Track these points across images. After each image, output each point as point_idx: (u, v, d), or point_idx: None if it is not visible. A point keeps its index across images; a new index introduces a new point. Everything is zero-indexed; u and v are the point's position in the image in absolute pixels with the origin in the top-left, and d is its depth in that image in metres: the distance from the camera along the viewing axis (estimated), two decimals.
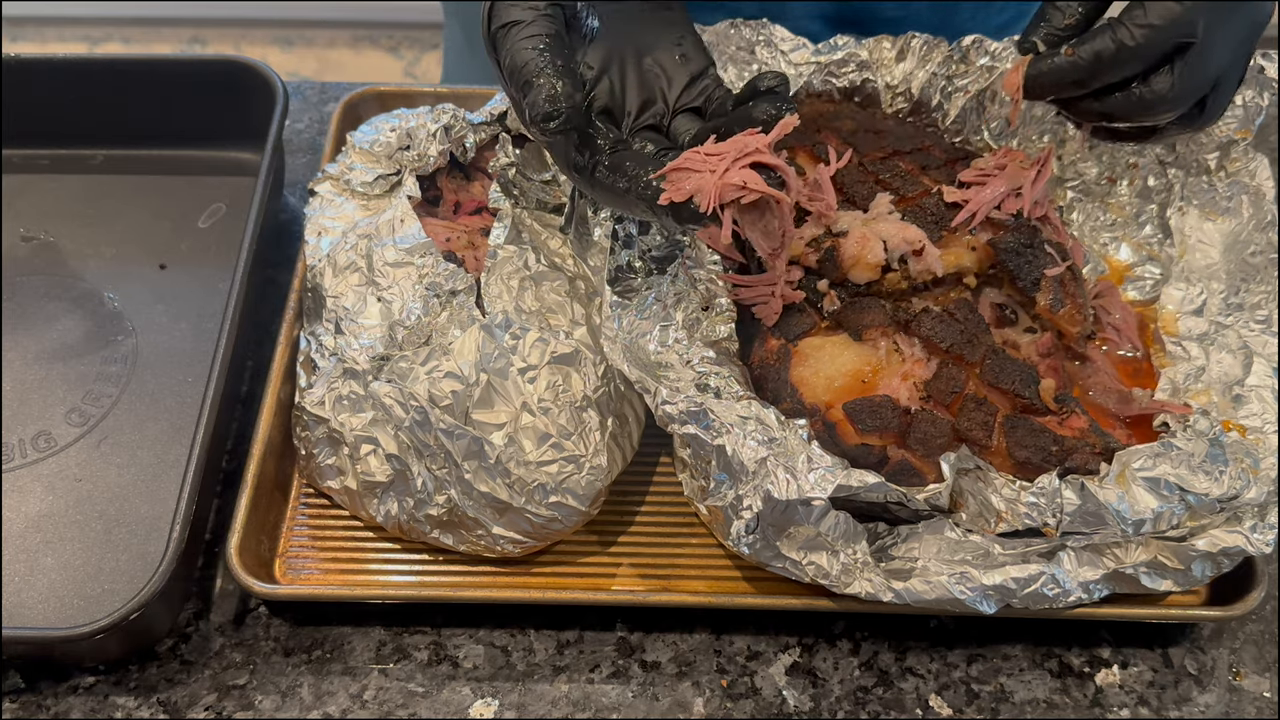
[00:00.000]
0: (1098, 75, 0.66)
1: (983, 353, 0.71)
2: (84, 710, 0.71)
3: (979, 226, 0.75)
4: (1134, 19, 0.65)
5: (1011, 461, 0.69)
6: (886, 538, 0.69)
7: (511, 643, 0.74)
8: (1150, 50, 0.65)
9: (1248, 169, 0.80)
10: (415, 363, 0.72)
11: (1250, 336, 0.75)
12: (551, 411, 0.71)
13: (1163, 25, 0.64)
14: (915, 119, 0.86)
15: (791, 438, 0.66)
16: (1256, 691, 0.73)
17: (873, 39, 0.85)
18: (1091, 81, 0.67)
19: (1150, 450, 0.66)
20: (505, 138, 0.82)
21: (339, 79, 1.22)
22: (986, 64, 0.83)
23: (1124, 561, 0.68)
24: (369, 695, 0.72)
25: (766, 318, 0.73)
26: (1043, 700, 0.72)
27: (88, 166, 0.97)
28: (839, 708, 0.72)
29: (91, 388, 0.83)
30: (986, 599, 0.68)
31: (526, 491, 0.71)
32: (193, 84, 0.94)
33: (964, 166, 0.79)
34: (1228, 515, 0.68)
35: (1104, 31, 0.66)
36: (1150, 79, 0.66)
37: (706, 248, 0.71)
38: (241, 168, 0.95)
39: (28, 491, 0.78)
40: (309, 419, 0.76)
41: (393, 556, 0.76)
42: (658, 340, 0.70)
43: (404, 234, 0.77)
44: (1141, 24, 0.64)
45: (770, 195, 0.62)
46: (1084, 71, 0.66)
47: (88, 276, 0.90)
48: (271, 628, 0.75)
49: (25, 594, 0.74)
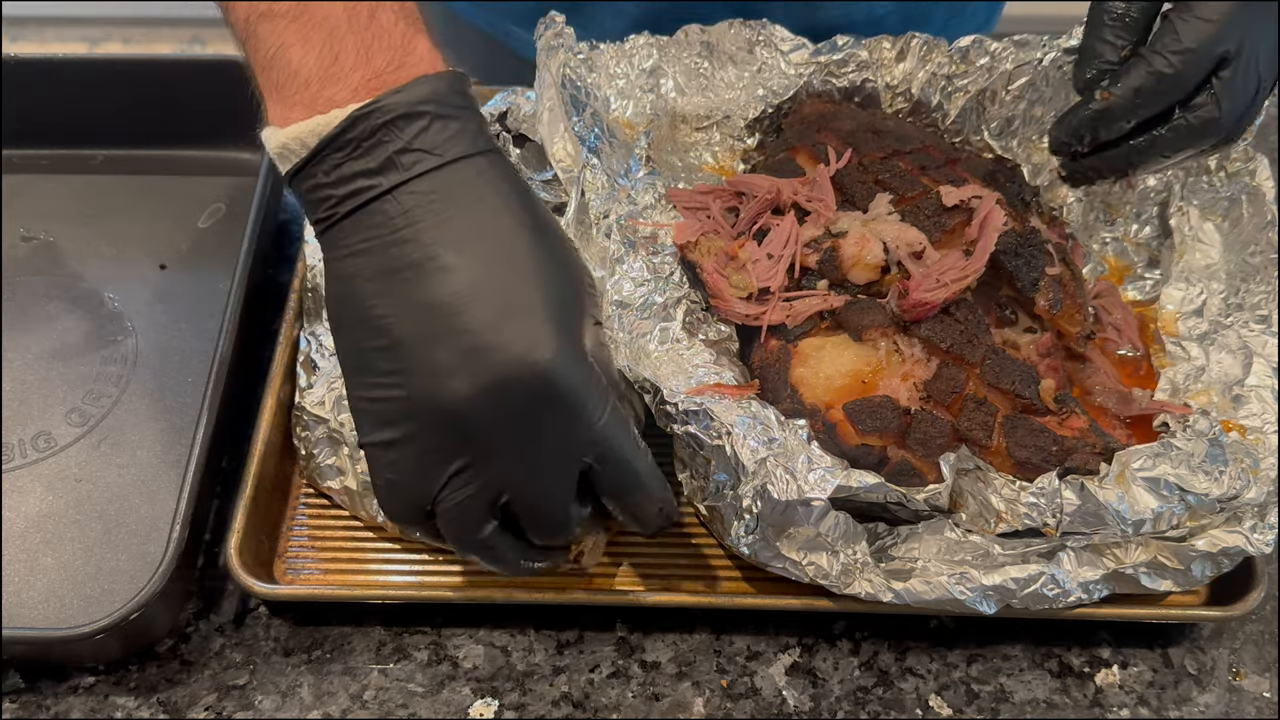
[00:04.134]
0: (1138, 111, 0.63)
1: (983, 353, 0.71)
2: (84, 710, 0.71)
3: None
4: (1167, 46, 0.62)
5: (1011, 461, 0.69)
6: (886, 538, 0.69)
7: (511, 643, 0.74)
8: (1191, 75, 0.62)
9: (1248, 169, 0.80)
10: None
11: (1250, 336, 0.75)
12: None
13: (1199, 47, 0.61)
14: (915, 119, 0.86)
15: (791, 438, 0.66)
16: (1256, 691, 0.73)
17: (873, 39, 0.85)
18: (1132, 119, 0.64)
19: (1150, 450, 0.66)
20: (505, 137, 0.82)
21: None
22: (986, 64, 0.83)
23: (1124, 561, 0.68)
24: (369, 695, 0.72)
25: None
26: (1043, 700, 0.72)
27: (88, 166, 0.97)
28: (839, 708, 0.72)
29: (91, 388, 0.83)
30: (986, 599, 0.68)
31: None
32: (193, 84, 0.94)
33: (964, 167, 0.79)
34: (1227, 515, 0.68)
35: (1137, 65, 0.63)
36: (1192, 104, 0.63)
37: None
38: (241, 168, 0.95)
39: (28, 491, 0.78)
40: (309, 419, 0.76)
41: (393, 556, 0.76)
42: (658, 340, 0.70)
43: None
44: (1176, 50, 0.61)
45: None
46: (1125, 111, 0.63)
47: (88, 276, 0.90)
48: (271, 628, 0.75)
49: (25, 594, 0.74)
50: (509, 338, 0.54)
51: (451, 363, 0.54)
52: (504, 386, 0.54)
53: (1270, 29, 0.63)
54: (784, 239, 0.74)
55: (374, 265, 0.56)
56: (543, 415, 0.55)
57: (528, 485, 0.57)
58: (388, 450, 0.58)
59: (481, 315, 0.54)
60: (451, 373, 0.54)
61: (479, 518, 0.59)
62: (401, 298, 0.55)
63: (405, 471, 0.58)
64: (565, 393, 0.55)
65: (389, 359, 0.56)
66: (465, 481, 0.57)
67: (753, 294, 0.73)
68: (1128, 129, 0.66)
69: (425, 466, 0.57)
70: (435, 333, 0.55)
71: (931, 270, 0.72)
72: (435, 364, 0.55)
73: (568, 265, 0.60)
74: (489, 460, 0.56)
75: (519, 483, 0.57)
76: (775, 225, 0.75)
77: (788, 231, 0.74)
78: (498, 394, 0.54)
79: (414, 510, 0.59)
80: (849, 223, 0.74)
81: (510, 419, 0.55)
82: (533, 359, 0.54)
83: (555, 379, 0.55)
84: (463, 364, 0.54)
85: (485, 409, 0.55)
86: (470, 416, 0.55)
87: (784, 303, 0.73)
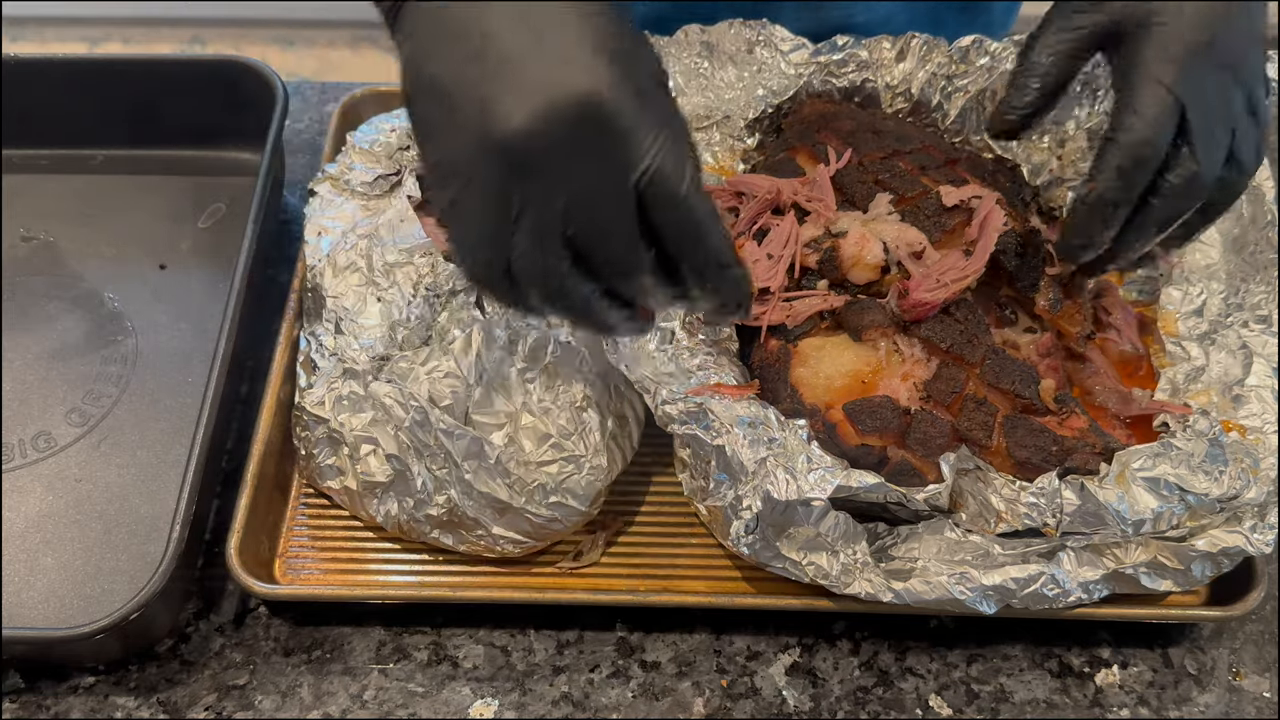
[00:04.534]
0: (1131, 186, 0.64)
1: (983, 353, 0.71)
2: (84, 710, 0.71)
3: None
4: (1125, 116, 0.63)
5: (1011, 461, 0.69)
6: (886, 538, 0.69)
7: (511, 643, 0.74)
8: (1162, 132, 0.63)
9: None
10: (415, 363, 0.72)
11: (1250, 336, 0.75)
12: (551, 411, 0.71)
13: (1157, 106, 0.62)
14: (915, 119, 0.86)
15: (791, 438, 0.66)
16: (1256, 691, 0.73)
17: (873, 39, 0.85)
18: (1129, 195, 0.65)
19: (1150, 450, 0.66)
20: None
21: (339, 79, 1.22)
22: (986, 64, 0.83)
23: (1124, 561, 0.68)
24: (369, 695, 0.72)
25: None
26: (1043, 700, 0.72)
27: (88, 166, 0.97)
28: (839, 708, 0.72)
29: (91, 388, 0.83)
30: (986, 599, 0.68)
31: (526, 491, 0.71)
32: (193, 84, 0.94)
33: (964, 167, 0.79)
34: (1227, 515, 0.68)
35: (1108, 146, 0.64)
36: (1170, 166, 0.64)
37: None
38: (241, 168, 0.95)
39: (28, 491, 0.78)
40: (309, 419, 0.76)
41: (393, 556, 0.76)
42: (658, 340, 0.70)
43: (404, 234, 0.77)
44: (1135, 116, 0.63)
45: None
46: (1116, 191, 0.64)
47: (88, 276, 0.90)
48: (271, 628, 0.75)
49: (25, 594, 0.74)
50: (553, 68, 0.56)
51: (498, 97, 0.56)
52: (549, 114, 0.55)
53: (1222, 74, 0.64)
54: (784, 239, 0.74)
55: (428, 32, 0.58)
56: (591, 142, 0.56)
57: (587, 214, 0.57)
58: (455, 209, 0.59)
59: (525, 50, 0.56)
60: (498, 106, 0.56)
61: (552, 259, 0.58)
62: (451, 53, 0.58)
63: (474, 224, 0.59)
64: (611, 117, 0.56)
65: (444, 112, 0.58)
66: (530, 223, 0.58)
67: (753, 294, 0.73)
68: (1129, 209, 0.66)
69: (490, 213, 0.58)
70: (481, 74, 0.57)
71: (931, 270, 0.72)
72: (483, 101, 0.56)
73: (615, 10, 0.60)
74: (546, 192, 0.57)
75: (579, 213, 0.57)
76: (775, 225, 0.75)
77: (787, 232, 0.74)
78: (544, 122, 0.56)
79: (493, 269, 0.60)
80: (849, 223, 0.74)
81: (559, 146, 0.56)
82: (577, 85, 0.56)
83: (601, 104, 0.56)
84: (509, 97, 0.56)
85: (534, 138, 0.56)
86: (521, 147, 0.56)
87: (784, 303, 0.73)
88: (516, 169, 0.56)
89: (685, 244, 0.59)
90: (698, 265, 0.60)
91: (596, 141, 0.56)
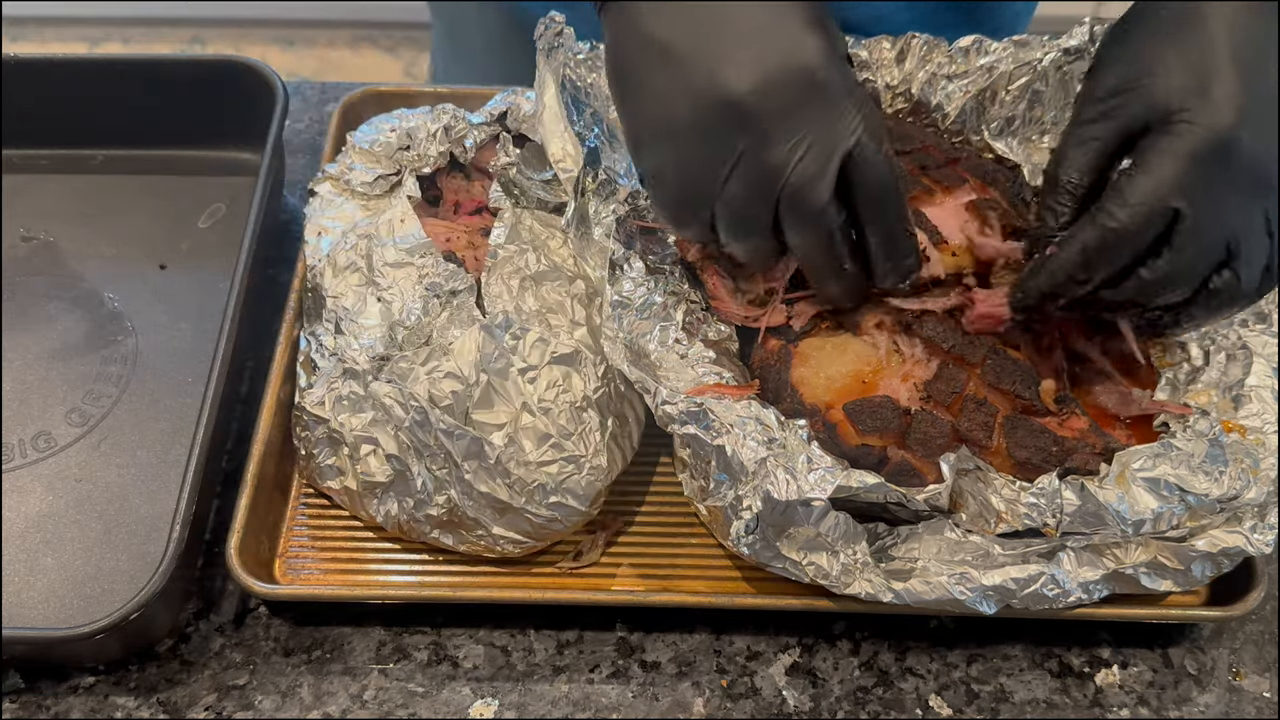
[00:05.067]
0: (1090, 269, 0.64)
1: (983, 353, 0.71)
2: (84, 710, 0.71)
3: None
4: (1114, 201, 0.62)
5: (1011, 462, 0.69)
6: (886, 538, 0.69)
7: (511, 643, 0.74)
8: (1143, 230, 0.62)
9: None
10: (415, 363, 0.72)
11: (1250, 336, 0.75)
12: (551, 412, 0.71)
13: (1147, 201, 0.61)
14: (915, 119, 0.86)
15: (791, 438, 0.66)
16: (1256, 691, 0.73)
17: (872, 39, 0.85)
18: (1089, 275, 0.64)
19: (1150, 451, 0.66)
20: (505, 137, 0.82)
21: (339, 79, 1.22)
22: (986, 64, 0.83)
23: (1124, 562, 0.68)
24: (369, 695, 0.72)
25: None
26: (1043, 700, 0.72)
27: (88, 166, 0.97)
28: (839, 708, 0.72)
29: (91, 388, 0.83)
30: (986, 599, 0.68)
31: (526, 492, 0.71)
32: (193, 84, 0.94)
33: (964, 167, 0.79)
34: (1228, 515, 0.68)
35: (1089, 220, 0.63)
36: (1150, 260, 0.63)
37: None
38: (241, 168, 0.95)
39: (28, 491, 0.78)
40: (309, 419, 0.76)
41: (393, 556, 0.76)
42: (658, 340, 0.70)
43: (404, 234, 0.77)
44: (1122, 205, 0.61)
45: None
46: (1075, 267, 0.64)
47: (88, 276, 0.90)
48: (271, 628, 0.75)
49: (25, 594, 0.74)
50: (776, 39, 0.61)
51: (729, 58, 0.61)
52: (774, 79, 0.61)
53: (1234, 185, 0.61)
54: None
55: (655, 3, 0.64)
56: (811, 106, 0.61)
57: (795, 169, 0.62)
58: (672, 152, 0.64)
59: (749, 20, 0.62)
60: (729, 68, 0.61)
61: (758, 205, 0.63)
62: (678, 20, 0.63)
63: (690, 166, 0.64)
64: (824, 85, 0.61)
65: (672, 70, 0.63)
66: (743, 171, 0.63)
67: (757, 298, 0.73)
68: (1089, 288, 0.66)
69: (709, 156, 0.63)
70: (711, 39, 0.62)
71: (998, 289, 0.71)
72: (715, 62, 0.62)
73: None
74: (765, 147, 0.62)
75: (789, 170, 0.62)
76: None
77: None
78: (770, 85, 0.61)
79: (695, 212, 0.65)
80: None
81: (782, 108, 0.61)
82: (797, 58, 0.61)
83: (815, 74, 0.61)
84: (737, 59, 0.61)
85: (763, 99, 0.61)
86: (749, 105, 0.61)
87: (784, 304, 0.73)
88: (740, 122, 0.61)
89: (879, 205, 0.64)
90: (888, 223, 0.65)
91: (812, 108, 0.61)
